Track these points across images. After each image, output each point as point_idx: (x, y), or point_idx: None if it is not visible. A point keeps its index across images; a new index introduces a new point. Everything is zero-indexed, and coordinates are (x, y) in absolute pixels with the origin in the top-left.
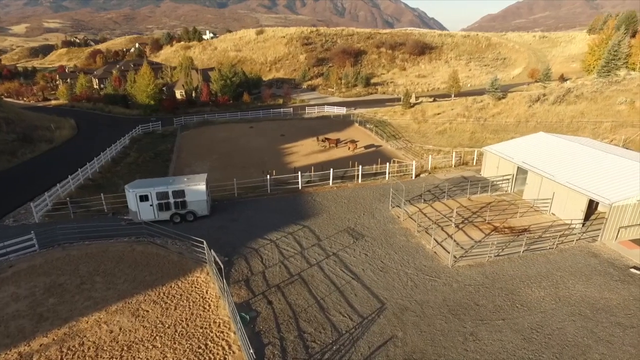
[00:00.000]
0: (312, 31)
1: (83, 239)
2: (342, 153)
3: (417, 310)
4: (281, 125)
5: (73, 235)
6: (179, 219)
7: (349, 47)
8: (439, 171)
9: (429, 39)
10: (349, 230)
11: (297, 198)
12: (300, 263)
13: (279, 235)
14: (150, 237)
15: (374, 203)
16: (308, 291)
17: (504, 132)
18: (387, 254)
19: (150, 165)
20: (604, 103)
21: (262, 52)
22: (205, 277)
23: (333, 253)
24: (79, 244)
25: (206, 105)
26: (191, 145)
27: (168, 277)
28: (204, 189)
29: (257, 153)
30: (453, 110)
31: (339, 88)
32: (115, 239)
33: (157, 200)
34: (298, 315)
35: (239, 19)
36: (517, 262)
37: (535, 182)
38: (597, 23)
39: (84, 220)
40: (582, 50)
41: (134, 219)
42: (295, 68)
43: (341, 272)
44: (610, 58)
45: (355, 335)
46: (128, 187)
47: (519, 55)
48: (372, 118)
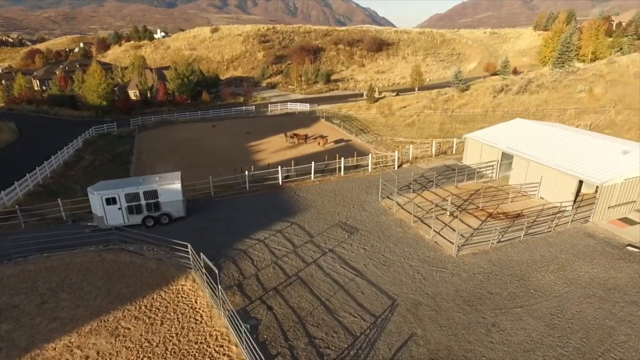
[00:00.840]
0: (269, 29)
1: (40, 250)
2: (312, 149)
3: (432, 304)
4: (245, 123)
5: (27, 247)
6: (152, 223)
7: (307, 45)
8: (419, 161)
9: (386, 35)
10: (341, 225)
11: (278, 194)
12: (295, 262)
13: (267, 234)
14: (121, 244)
15: (362, 195)
16: (310, 292)
17: (472, 122)
18: (386, 247)
19: (108, 168)
20: (565, 91)
21: (218, 51)
22: (192, 285)
23: (329, 249)
24: (35, 256)
25: (163, 105)
26: (151, 146)
27: (148, 287)
28: (180, 188)
29: (223, 152)
30: (418, 103)
31: (299, 85)
32: (79, 249)
33: (126, 203)
34: (304, 320)
35: (189, 19)
36: (519, 247)
37: (522, 167)
38: (541, 20)
39: (38, 229)
40: (530, 45)
41: (99, 225)
42: (253, 66)
43: (342, 269)
44: (564, 50)
45: (371, 337)
46: (92, 189)
47: (472, 51)
48: (337, 113)
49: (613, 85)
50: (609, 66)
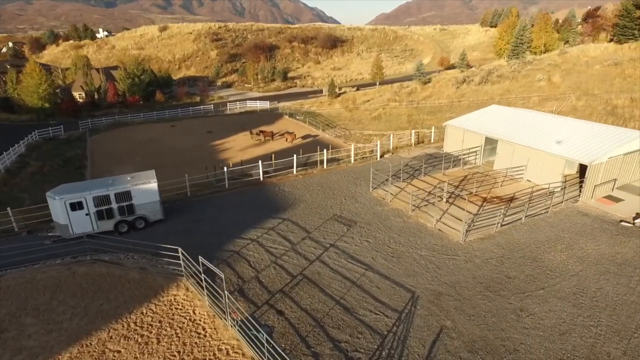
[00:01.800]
0: (221, 27)
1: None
2: (280, 145)
3: (453, 293)
4: (205, 122)
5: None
6: (126, 228)
7: (260, 42)
8: (400, 151)
9: (339, 32)
10: (337, 218)
11: (262, 190)
12: (297, 260)
13: (258, 232)
14: (94, 254)
15: (350, 187)
16: (321, 291)
17: (439, 112)
18: (390, 238)
19: (60, 174)
20: (525, 81)
21: (168, 50)
22: (186, 294)
23: (330, 244)
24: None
25: (113, 107)
26: (107, 149)
27: (134, 301)
28: (156, 187)
29: (187, 152)
30: (382, 97)
31: (256, 83)
32: (41, 263)
33: (95, 207)
34: (322, 322)
35: (131, 19)
36: (522, 229)
37: (507, 151)
38: (487, 17)
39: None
40: (478, 41)
41: (63, 234)
42: (207, 65)
43: (349, 264)
44: (518, 43)
45: (400, 334)
46: (53, 193)
47: (424, 47)
48: (299, 110)
49: (569, 73)
50: (561, 56)
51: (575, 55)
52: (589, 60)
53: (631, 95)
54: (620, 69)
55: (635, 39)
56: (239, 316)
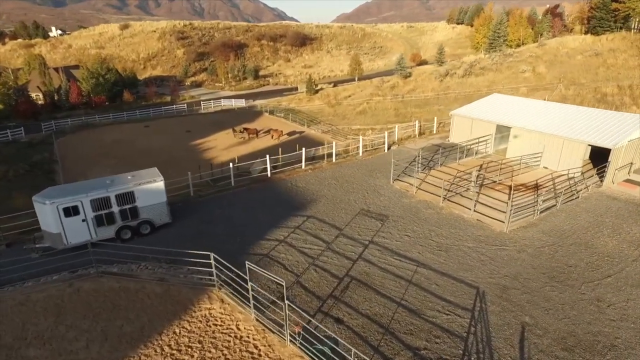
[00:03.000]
0: (186, 25)
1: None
2: (265, 143)
3: (519, 286)
4: (181, 121)
5: None
6: (129, 234)
7: (229, 41)
8: (405, 142)
9: (308, 30)
10: (365, 213)
11: (272, 187)
12: (338, 261)
13: (284, 232)
14: (99, 266)
15: (368, 179)
16: (376, 293)
17: (427, 105)
18: (430, 231)
19: (28, 179)
20: (509, 72)
21: (131, 49)
22: (222, 307)
23: (369, 241)
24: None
25: (76, 108)
26: (77, 152)
27: (161, 319)
28: (163, 187)
29: (166, 152)
30: (363, 92)
31: (227, 82)
32: (34, 281)
33: (93, 212)
34: (391, 329)
35: (83, 19)
36: (560, 215)
37: (521, 139)
38: (453, 14)
39: None
40: (446, 37)
41: (55, 245)
42: (174, 64)
43: (397, 261)
44: (495, 36)
45: (481, 335)
46: (41, 198)
47: (393, 44)
48: (278, 107)
49: (552, 64)
50: (540, 48)
51: (555, 47)
52: (569, 52)
53: (617, 83)
54: (602, 59)
55: (611, 30)
56: (301, 329)
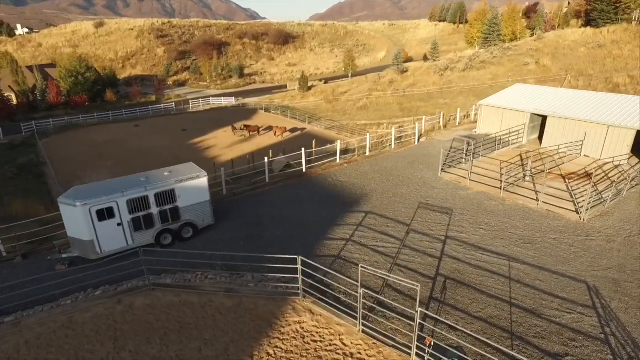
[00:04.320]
0: (165, 23)
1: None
2: (269, 140)
3: (630, 279)
4: (173, 120)
5: None
6: (169, 239)
7: (210, 39)
8: (431, 134)
9: (290, 28)
10: (426, 207)
11: (311, 183)
12: (421, 259)
13: (346, 230)
14: (154, 277)
15: (412, 172)
16: (479, 292)
17: (431, 99)
18: (503, 223)
19: (18, 184)
20: (512, 65)
21: (108, 47)
22: (315, 319)
23: (444, 236)
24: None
25: (55, 108)
26: (66, 154)
27: (247, 339)
28: (206, 184)
29: (167, 152)
30: (359, 88)
31: (213, 81)
32: (71, 299)
33: (129, 215)
34: (517, 333)
35: (47, 19)
36: (631, 203)
37: (558, 127)
38: (435, 11)
39: None
40: (430, 35)
41: (85, 254)
42: (154, 63)
43: (484, 256)
44: (490, 31)
45: (621, 336)
46: (70, 199)
47: (376, 42)
48: (271, 104)
49: (555, 57)
50: (539, 42)
51: (554, 40)
52: (571, 44)
53: (627, 73)
54: (607, 51)
55: (612, 22)
56: (431, 341)
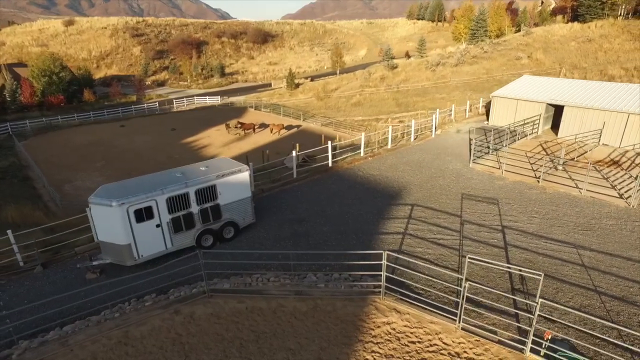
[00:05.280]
0: (139, 21)
1: (27, 334)
2: (266, 138)
3: None
4: (160, 120)
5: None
6: (210, 241)
7: (188, 38)
8: (444, 127)
9: (268, 27)
10: (470, 197)
11: (341, 177)
12: (486, 249)
13: (398, 223)
14: (194, 284)
15: (441, 163)
16: (560, 282)
17: (428, 94)
18: (553, 211)
19: (4, 189)
20: (504, 59)
21: (80, 47)
22: (404, 318)
23: (500, 225)
24: (28, 346)
25: (29, 109)
26: (50, 156)
27: (336, 344)
28: (248, 179)
29: (161, 151)
30: (348, 84)
31: (194, 80)
32: (118, 309)
33: (169, 214)
34: (621, 323)
35: (3, 19)
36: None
37: (575, 117)
38: (413, 10)
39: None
40: (409, 33)
41: (120, 260)
42: (131, 63)
43: (549, 244)
44: (477, 27)
45: None
46: (101, 198)
47: (356, 40)
48: (260, 103)
49: (546, 51)
50: (527, 37)
51: (542, 35)
52: (560, 39)
53: (621, 65)
54: (598, 44)
55: (599, 17)
56: (550, 334)
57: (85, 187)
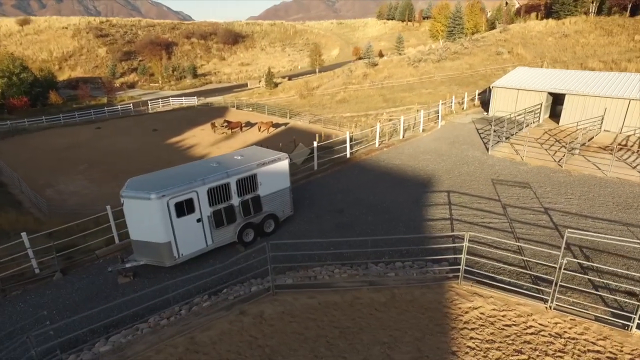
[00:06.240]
0: (103, 22)
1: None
2: (254, 136)
3: None
4: (138, 121)
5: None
6: (252, 236)
7: (157, 39)
8: (447, 118)
9: (238, 28)
10: (501, 182)
11: (363, 167)
12: (539, 231)
13: (441, 210)
14: (245, 282)
15: (459, 151)
16: (629, 259)
17: (414, 90)
18: (588, 192)
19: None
20: (485, 55)
21: (39, 47)
22: (490, 302)
23: (542, 208)
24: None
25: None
26: (23, 160)
27: (430, 333)
28: (287, 167)
29: (147, 153)
30: (330, 82)
31: (166, 82)
32: (152, 318)
33: (209, 207)
34: None
35: None
36: None
37: (576, 105)
38: (383, 10)
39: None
40: (380, 32)
41: (158, 261)
42: (96, 64)
43: (599, 223)
44: (454, 25)
45: None
46: (138, 191)
47: (327, 40)
48: (240, 102)
49: (526, 46)
50: (505, 34)
51: (519, 31)
52: (537, 34)
53: (598, 59)
54: (574, 39)
55: (572, 14)
56: None
57: (69, 191)
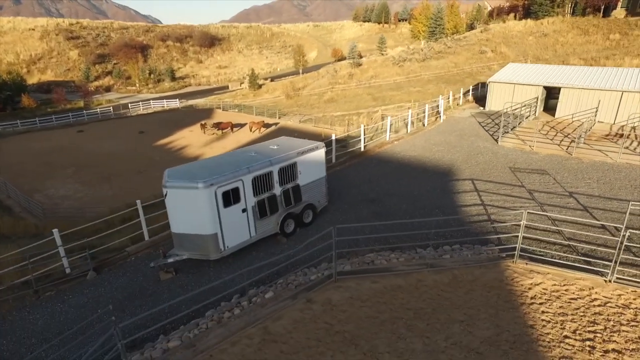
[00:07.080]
0: (73, 23)
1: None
2: (246, 136)
3: None
4: (122, 124)
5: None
6: (292, 227)
7: (131, 41)
8: (447, 113)
9: (214, 30)
10: (519, 170)
11: (381, 159)
12: (571, 213)
13: (471, 197)
14: (300, 270)
15: (470, 143)
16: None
17: (403, 88)
18: (604, 177)
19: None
20: (468, 54)
21: (3, 49)
22: (549, 278)
23: (566, 192)
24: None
25: None
26: (6, 165)
27: (501, 310)
28: (324, 156)
29: (139, 155)
30: (315, 83)
31: (143, 85)
32: (225, 308)
33: (254, 197)
34: None
35: None
36: None
37: (572, 97)
38: (360, 12)
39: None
40: (357, 34)
41: (203, 254)
42: (68, 67)
43: (626, 205)
44: (436, 25)
45: None
46: (181, 180)
47: (304, 42)
48: (224, 104)
49: (508, 45)
50: (486, 33)
51: (500, 31)
52: (517, 34)
53: (579, 57)
54: (554, 38)
55: (549, 14)
56: None
57: (59, 195)
